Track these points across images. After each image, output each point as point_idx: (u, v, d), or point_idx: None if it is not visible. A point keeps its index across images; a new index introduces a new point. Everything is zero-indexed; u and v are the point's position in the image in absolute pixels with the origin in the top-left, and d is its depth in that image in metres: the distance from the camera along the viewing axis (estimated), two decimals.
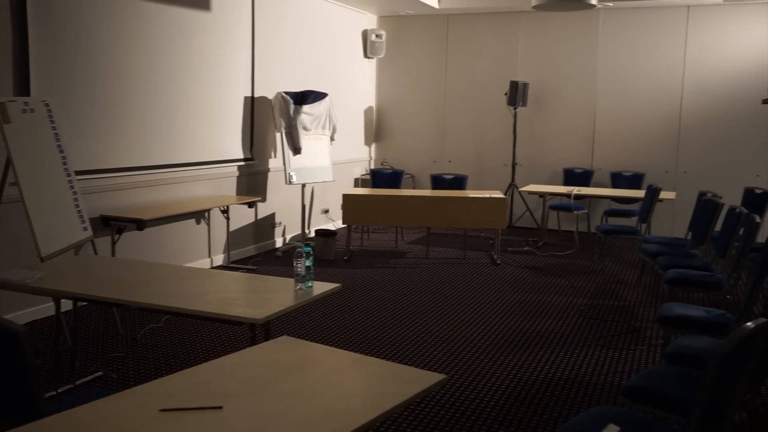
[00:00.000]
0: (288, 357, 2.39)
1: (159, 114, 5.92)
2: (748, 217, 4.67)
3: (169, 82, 6.00)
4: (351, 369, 2.31)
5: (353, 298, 5.67)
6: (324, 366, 2.33)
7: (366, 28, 9.36)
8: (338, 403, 2.02)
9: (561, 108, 8.91)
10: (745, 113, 8.06)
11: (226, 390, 2.09)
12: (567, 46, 8.80)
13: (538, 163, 9.09)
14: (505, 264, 7.02)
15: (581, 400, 3.74)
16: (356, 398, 2.06)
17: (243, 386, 2.12)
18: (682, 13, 8.25)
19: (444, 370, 4.13)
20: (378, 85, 9.82)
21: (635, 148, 8.61)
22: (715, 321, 3.65)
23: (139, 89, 5.70)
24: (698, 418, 2.09)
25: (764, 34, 7.93)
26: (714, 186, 7.99)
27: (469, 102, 9.36)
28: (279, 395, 2.06)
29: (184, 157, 6.22)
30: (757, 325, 2.24)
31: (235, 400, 2.01)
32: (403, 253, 7.47)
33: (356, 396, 2.08)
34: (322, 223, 8.51)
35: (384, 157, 9.85)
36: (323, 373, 2.26)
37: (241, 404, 1.99)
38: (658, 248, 5.78)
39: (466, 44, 9.30)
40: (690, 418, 2.10)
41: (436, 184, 7.91)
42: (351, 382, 2.19)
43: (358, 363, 2.37)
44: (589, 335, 4.85)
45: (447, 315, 5.25)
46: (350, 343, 4.58)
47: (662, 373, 2.88)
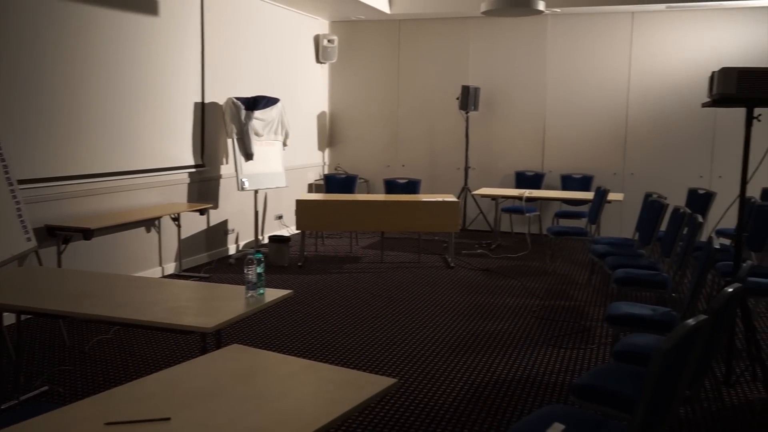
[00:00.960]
0: (238, 365, 2.37)
1: (106, 121, 5.80)
2: (692, 217, 4.82)
3: (117, 88, 5.89)
4: (302, 376, 2.30)
5: (307, 304, 5.65)
6: (275, 374, 2.31)
7: (318, 33, 9.35)
8: (289, 410, 2.00)
9: (512, 112, 9.04)
10: (688, 116, 8.31)
11: (174, 401, 2.05)
12: (517, 51, 8.94)
13: (491, 167, 9.20)
14: (458, 267, 7.08)
15: (533, 400, 3.79)
16: (307, 405, 2.05)
17: (192, 397, 2.09)
18: (627, 19, 8.47)
19: (398, 374, 4.14)
20: (331, 90, 9.81)
21: (584, 151, 8.78)
22: (661, 318, 3.74)
23: (86, 96, 5.57)
24: (643, 414, 2.14)
25: (704, 40, 8.19)
26: (660, 187, 8.21)
27: (421, 106, 9.43)
28: (229, 405, 2.04)
29: (132, 165, 6.11)
30: (698, 321, 2.31)
31: (184, 411, 1.98)
32: (357, 258, 7.47)
33: (307, 403, 2.07)
34: (275, 229, 8.45)
35: (337, 162, 9.84)
36: (274, 380, 2.25)
37: (190, 415, 1.96)
38: (607, 249, 5.91)
39: (417, 49, 9.36)
40: (635, 415, 2.15)
41: (390, 189, 7.93)
42: (302, 389, 2.18)
43: (310, 370, 2.36)
44: (541, 335, 4.93)
45: (401, 319, 5.27)
46: (304, 350, 4.55)
47: (610, 371, 2.94)
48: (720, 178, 8.27)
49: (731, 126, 8.13)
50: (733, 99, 3.64)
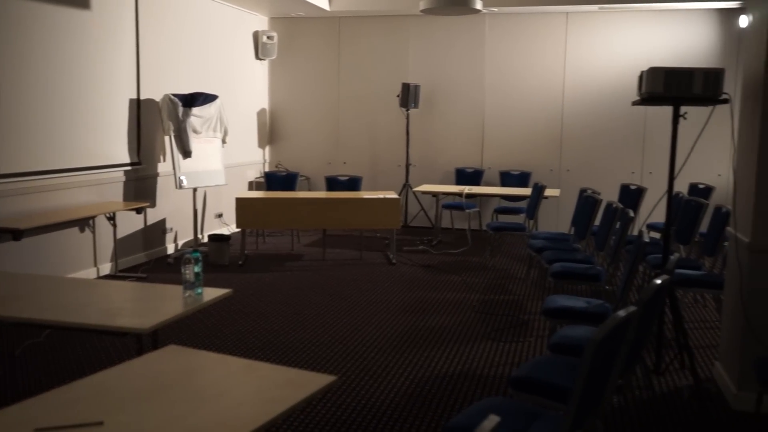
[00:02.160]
0: (174, 367, 2.33)
1: (36, 117, 5.60)
2: (624, 212, 4.97)
3: (47, 84, 5.69)
4: (240, 376, 2.28)
5: (248, 303, 5.59)
6: (212, 374, 2.28)
7: (257, 30, 9.24)
8: (226, 411, 1.98)
9: (452, 109, 9.14)
10: (621, 114, 8.57)
11: (107, 405, 2.01)
12: (456, 49, 9.04)
13: (431, 164, 9.28)
14: (400, 263, 7.12)
15: (473, 393, 3.85)
16: (245, 405, 2.03)
17: (126, 400, 2.05)
18: (561, 19, 8.66)
19: (340, 371, 4.14)
20: (271, 87, 9.72)
21: (522, 148, 8.95)
22: (595, 311, 3.85)
23: (13, 91, 5.36)
24: (576, 403, 2.20)
25: (635, 40, 8.45)
26: (594, 183, 8.44)
27: (362, 104, 9.44)
28: (164, 407, 2.00)
29: (64, 163, 5.92)
30: (628, 313, 2.38)
31: (117, 415, 1.94)
32: (299, 256, 7.43)
33: (245, 403, 2.05)
34: (215, 228, 8.32)
35: (278, 160, 9.76)
36: (211, 381, 2.22)
37: (123, 419, 1.92)
38: (544, 243, 6.05)
39: (358, 46, 9.36)
40: (569, 404, 2.21)
41: (331, 186, 7.92)
42: (240, 389, 2.16)
43: (248, 369, 2.34)
44: (481, 329, 5.01)
45: (343, 316, 5.27)
46: (244, 350, 4.50)
47: (546, 363, 3.01)
48: (651, 174, 8.56)
49: (661, 124, 8.42)
50: (660, 98, 3.77)
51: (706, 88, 3.70)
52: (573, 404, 2.21)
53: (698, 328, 5.16)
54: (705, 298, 5.85)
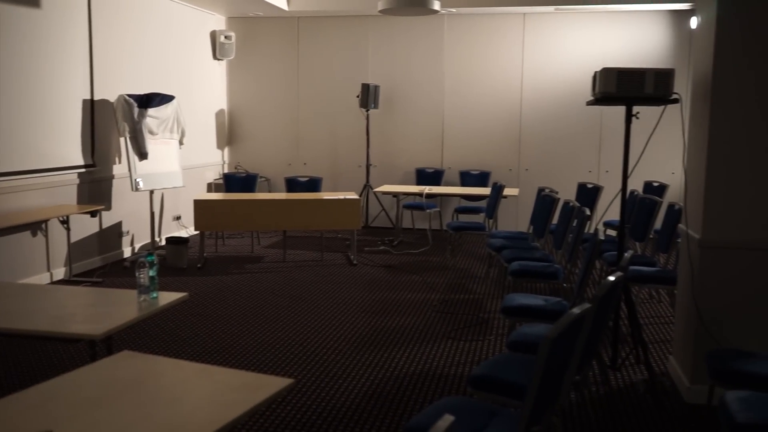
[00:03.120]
0: (128, 373, 2.28)
1: None
2: (580, 210, 5.05)
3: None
4: (196, 381, 2.24)
5: (206, 306, 5.52)
6: (167, 380, 2.24)
7: (214, 29, 9.13)
8: (181, 417, 1.95)
9: (411, 110, 9.17)
10: (577, 114, 8.70)
11: (57, 413, 1.96)
12: (415, 49, 9.07)
13: (392, 164, 9.30)
14: (361, 264, 7.11)
15: (433, 393, 3.87)
16: (200, 410, 2.00)
17: (77, 408, 2.00)
18: (518, 20, 8.76)
19: (299, 374, 4.11)
20: (229, 88, 9.62)
21: (481, 148, 9.03)
22: (552, 308, 3.90)
23: None
24: (532, 400, 2.22)
25: (591, 41, 8.59)
26: (552, 182, 8.55)
27: (322, 104, 9.40)
28: (116, 414, 1.96)
29: (14, 165, 5.76)
30: (582, 310, 2.42)
31: (68, 423, 1.89)
32: (259, 258, 7.37)
33: (200, 408, 2.02)
34: (173, 231, 8.20)
35: (238, 161, 9.66)
36: (166, 387, 2.18)
37: (74, 427, 1.87)
38: (503, 242, 6.10)
39: (317, 47, 9.33)
40: (525, 401, 2.23)
41: (291, 187, 7.87)
42: (195, 394, 2.13)
43: (204, 374, 2.31)
44: (442, 329, 5.03)
45: (304, 318, 5.24)
46: (201, 354, 4.44)
47: (504, 361, 3.04)
48: (607, 172, 8.71)
49: (616, 123, 8.58)
50: (613, 97, 3.84)
51: (657, 88, 3.78)
52: (529, 401, 2.23)
53: (653, 323, 5.26)
54: (660, 294, 5.98)
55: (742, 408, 2.57)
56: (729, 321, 3.69)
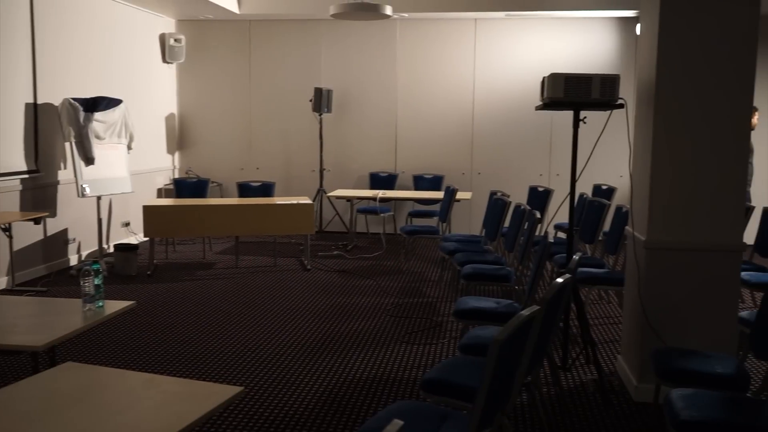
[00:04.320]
0: (71, 385, 2.22)
1: None
2: (531, 213, 5.12)
3: None
4: (142, 391, 2.19)
5: (156, 314, 5.41)
6: (112, 391, 2.19)
7: (164, 32, 8.98)
8: (125, 429, 1.90)
9: (365, 114, 9.17)
10: (528, 118, 8.83)
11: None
12: (368, 54, 9.08)
13: (345, 168, 9.28)
14: (315, 269, 7.08)
15: (387, 397, 3.86)
16: (145, 422, 1.95)
17: (17, 422, 1.93)
18: (470, 25, 8.85)
19: (252, 381, 4.06)
20: (179, 91, 9.46)
21: (435, 152, 9.08)
22: (504, 311, 3.94)
23: None
24: (482, 403, 2.23)
25: (540, 46, 8.74)
26: (504, 185, 8.65)
27: (275, 108, 9.33)
28: (58, 428, 1.90)
29: None
30: (531, 312, 2.45)
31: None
32: (211, 264, 7.26)
33: (146, 419, 1.97)
34: (122, 237, 8.02)
35: (188, 166, 9.51)
36: (111, 398, 2.13)
37: None
38: (456, 246, 6.14)
39: (269, 50, 9.26)
40: (475, 403, 2.24)
41: (244, 192, 7.78)
42: (141, 404, 2.08)
43: (151, 384, 2.26)
44: (395, 333, 5.03)
45: (257, 324, 5.18)
46: (149, 363, 4.35)
47: (456, 364, 3.05)
48: (558, 175, 8.86)
49: (566, 127, 8.73)
50: (561, 102, 3.91)
51: (604, 94, 3.85)
52: (479, 403, 2.24)
53: (603, 323, 5.37)
54: (609, 295, 6.10)
55: (685, 405, 2.63)
56: (674, 320, 3.78)
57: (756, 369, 4.29)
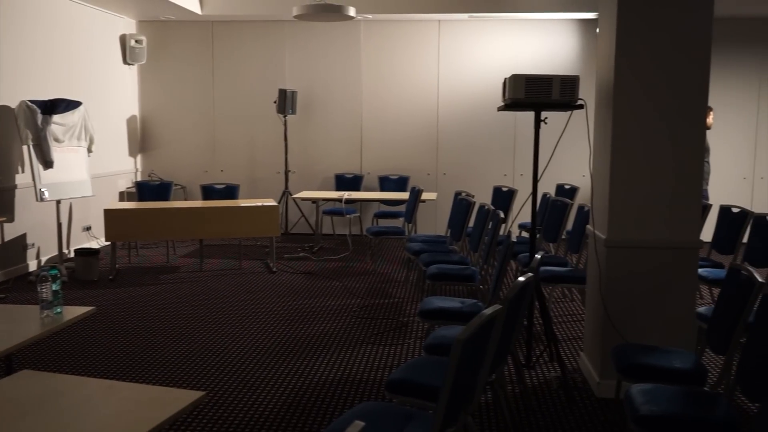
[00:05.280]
0: (28, 393, 2.17)
1: None
2: (495, 213, 5.16)
3: None
4: (101, 398, 2.16)
5: (118, 319, 5.32)
6: (71, 399, 2.15)
7: (124, 33, 8.85)
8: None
9: (330, 115, 9.16)
10: (492, 119, 8.90)
11: None
12: (332, 55, 9.06)
13: (311, 170, 9.25)
14: (281, 271, 7.04)
15: (353, 399, 3.86)
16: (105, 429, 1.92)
17: None
18: (434, 27, 8.90)
19: (216, 385, 4.02)
20: (141, 93, 9.33)
21: (400, 153, 9.11)
22: (469, 310, 3.97)
23: None
24: (445, 402, 2.25)
25: (503, 47, 8.82)
26: (469, 186, 8.72)
27: (239, 110, 9.26)
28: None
29: None
30: (493, 311, 2.47)
31: None
32: (175, 268, 7.18)
33: (104, 427, 1.94)
34: (83, 242, 7.88)
35: (151, 169, 9.38)
36: (69, 406, 2.09)
37: None
38: (422, 246, 6.17)
39: (232, 52, 9.18)
40: (438, 403, 2.25)
41: (208, 195, 7.71)
42: (101, 412, 2.05)
43: (110, 390, 2.22)
44: (361, 334, 5.03)
45: (221, 328, 5.13)
46: (111, 370, 4.28)
47: (420, 364, 3.06)
48: (522, 175, 8.95)
49: (529, 127, 8.83)
50: (522, 103, 3.95)
51: (564, 94, 3.91)
52: (442, 403, 2.26)
53: (566, 321, 5.44)
54: (572, 293, 6.18)
55: (645, 400, 2.68)
56: (634, 317, 3.85)
57: (713, 363, 4.39)
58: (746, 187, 8.81)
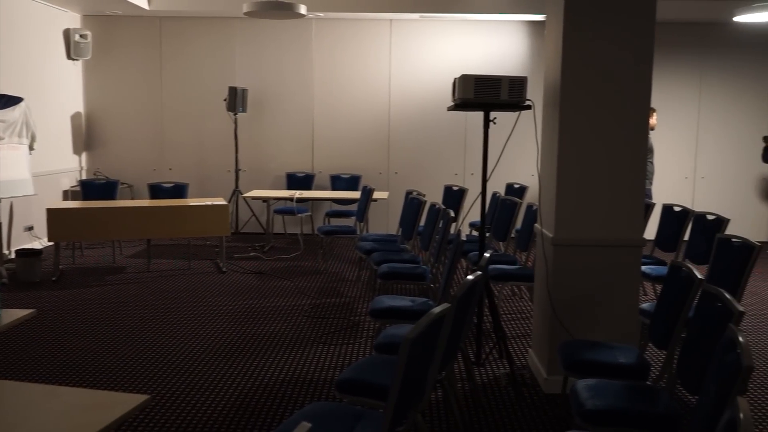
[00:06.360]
0: None
1: None
2: (445, 212, 5.20)
3: None
4: (41, 403, 2.09)
5: (61, 322, 5.18)
6: (8, 404, 2.08)
7: (68, 28, 8.61)
8: None
9: (281, 113, 9.08)
10: (443, 118, 8.97)
11: None
12: (283, 53, 8.99)
13: (262, 168, 9.16)
14: (231, 271, 6.95)
15: (303, 399, 3.84)
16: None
17: None
18: (385, 26, 8.91)
19: (163, 388, 3.95)
20: (86, 89, 9.10)
21: (352, 152, 9.10)
22: (419, 309, 3.99)
23: None
24: (394, 401, 2.25)
25: (454, 48, 8.89)
26: (421, 185, 8.76)
27: (188, 107, 9.11)
28: None
29: None
30: (442, 310, 2.49)
31: None
32: (121, 269, 7.02)
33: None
34: (25, 242, 7.64)
35: (97, 167, 9.15)
36: (7, 411, 2.02)
37: None
38: (373, 245, 6.17)
39: (181, 48, 9.03)
40: (387, 402, 2.26)
41: (155, 194, 7.55)
42: (39, 417, 1.99)
43: (50, 395, 2.16)
44: (312, 334, 5.01)
45: (169, 329, 5.04)
46: (53, 375, 4.16)
47: (370, 364, 3.06)
48: (472, 175, 9.04)
49: (480, 127, 8.92)
50: (471, 103, 3.99)
51: (512, 95, 3.96)
52: (391, 402, 2.26)
53: (515, 318, 5.52)
54: (521, 290, 6.27)
55: (590, 395, 2.74)
56: (580, 313, 3.93)
57: (656, 358, 4.51)
58: (688, 186, 9.08)
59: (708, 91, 8.94)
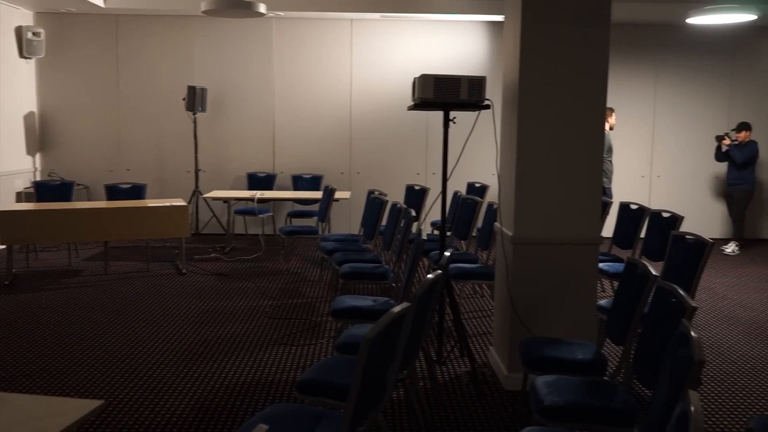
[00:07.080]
0: None
1: None
2: (406, 211, 5.21)
3: None
4: None
5: (14, 327, 5.04)
6: None
7: (20, 25, 8.39)
8: None
9: (241, 113, 9.00)
10: (405, 118, 8.99)
11: None
12: (243, 52, 8.91)
13: (222, 169, 9.07)
14: (191, 273, 6.86)
15: (264, 401, 3.81)
16: None
17: None
18: (346, 26, 8.89)
19: (120, 392, 3.88)
20: (39, 88, 8.88)
21: (313, 152, 9.05)
22: (380, 308, 3.98)
23: None
24: (354, 401, 2.24)
25: (415, 47, 8.91)
26: (383, 184, 8.77)
27: (146, 107, 8.96)
28: None
29: None
30: (401, 309, 2.49)
31: None
32: (77, 271, 6.87)
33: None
34: None
35: (51, 168, 8.95)
36: None
37: None
38: (335, 245, 6.15)
39: (138, 47, 8.87)
40: (347, 402, 2.25)
41: (112, 195, 7.41)
42: None
43: (0, 403, 2.09)
44: (273, 335, 4.97)
45: (127, 333, 4.95)
46: (3, 381, 4.05)
47: (331, 364, 3.05)
48: (434, 174, 9.07)
49: (441, 127, 8.96)
50: (431, 103, 4.00)
51: (471, 95, 3.98)
52: (351, 402, 2.25)
53: (476, 317, 5.55)
54: (483, 289, 6.32)
55: (548, 392, 2.77)
56: (540, 311, 3.98)
57: (613, 353, 4.59)
58: (644, 184, 9.27)
59: (663, 91, 9.14)
